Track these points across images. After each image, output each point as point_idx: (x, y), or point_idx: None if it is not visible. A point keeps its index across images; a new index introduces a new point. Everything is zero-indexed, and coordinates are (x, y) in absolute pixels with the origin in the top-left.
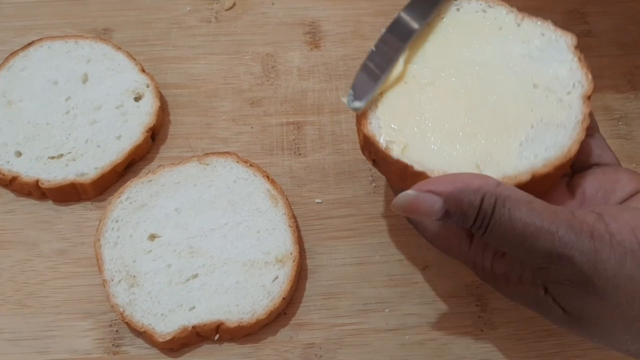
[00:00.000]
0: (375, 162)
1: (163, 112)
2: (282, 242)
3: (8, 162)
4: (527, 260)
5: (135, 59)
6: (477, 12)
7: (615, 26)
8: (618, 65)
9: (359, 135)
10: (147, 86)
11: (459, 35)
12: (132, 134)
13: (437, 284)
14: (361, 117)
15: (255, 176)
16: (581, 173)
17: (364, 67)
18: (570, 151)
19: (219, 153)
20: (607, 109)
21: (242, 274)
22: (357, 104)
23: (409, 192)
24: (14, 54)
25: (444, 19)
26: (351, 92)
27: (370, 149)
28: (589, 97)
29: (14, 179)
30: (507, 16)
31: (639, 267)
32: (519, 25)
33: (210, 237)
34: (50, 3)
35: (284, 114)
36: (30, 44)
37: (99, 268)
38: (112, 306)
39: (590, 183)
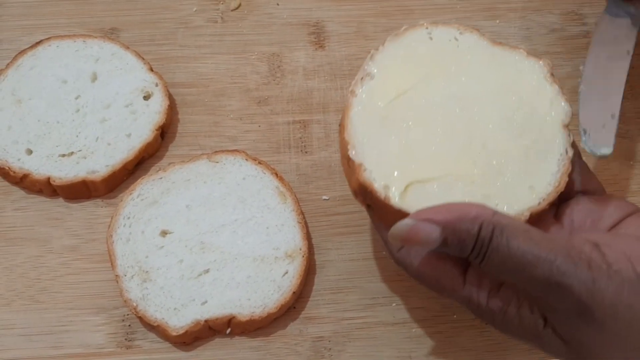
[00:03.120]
0: (369, 207)
1: (172, 110)
2: (291, 237)
3: (19, 159)
4: (525, 289)
5: (143, 58)
6: (450, 40)
7: None
8: None
9: (350, 180)
10: (156, 85)
11: (435, 67)
12: (142, 132)
13: None
14: (355, 163)
15: (264, 173)
16: (568, 202)
17: (587, 103)
18: (560, 184)
19: (228, 151)
20: None
21: (252, 269)
22: (606, 150)
23: (407, 221)
24: (22, 52)
25: (419, 49)
26: (587, 134)
27: (366, 196)
28: (567, 126)
29: (25, 177)
30: (479, 45)
31: (636, 296)
32: (492, 54)
33: (221, 233)
34: (57, 2)
35: (291, 113)
36: (38, 43)
37: (112, 264)
38: (125, 301)
39: (578, 212)
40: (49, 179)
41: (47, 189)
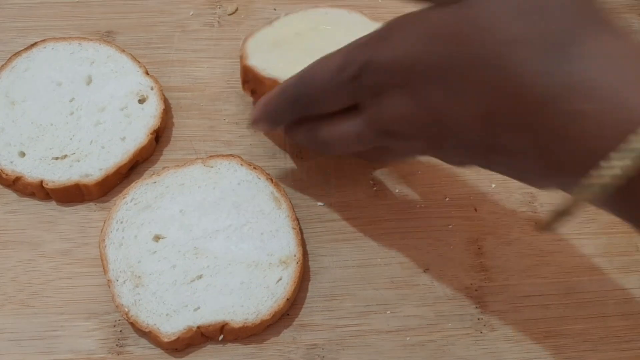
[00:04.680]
0: (253, 92)
1: (167, 114)
2: (286, 244)
3: (12, 162)
4: None
5: (139, 62)
6: (340, 15)
7: None
8: None
9: (241, 73)
10: (151, 89)
11: (320, 24)
12: (137, 135)
13: (437, 286)
14: (242, 55)
15: (259, 179)
16: None
17: None
18: None
19: (223, 155)
20: None
21: (246, 275)
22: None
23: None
24: (16, 54)
25: (312, 16)
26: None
27: (249, 79)
28: None
29: (17, 179)
30: (362, 20)
31: None
32: (368, 23)
33: (215, 239)
34: (52, 5)
35: None
36: (33, 45)
37: (104, 268)
38: (116, 306)
39: None
40: (41, 182)
41: (40, 192)
